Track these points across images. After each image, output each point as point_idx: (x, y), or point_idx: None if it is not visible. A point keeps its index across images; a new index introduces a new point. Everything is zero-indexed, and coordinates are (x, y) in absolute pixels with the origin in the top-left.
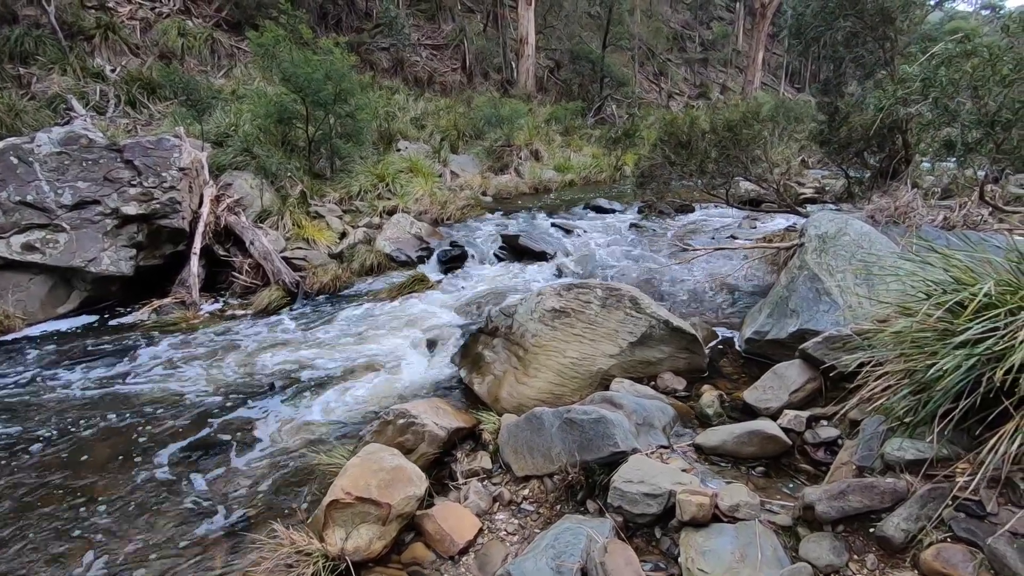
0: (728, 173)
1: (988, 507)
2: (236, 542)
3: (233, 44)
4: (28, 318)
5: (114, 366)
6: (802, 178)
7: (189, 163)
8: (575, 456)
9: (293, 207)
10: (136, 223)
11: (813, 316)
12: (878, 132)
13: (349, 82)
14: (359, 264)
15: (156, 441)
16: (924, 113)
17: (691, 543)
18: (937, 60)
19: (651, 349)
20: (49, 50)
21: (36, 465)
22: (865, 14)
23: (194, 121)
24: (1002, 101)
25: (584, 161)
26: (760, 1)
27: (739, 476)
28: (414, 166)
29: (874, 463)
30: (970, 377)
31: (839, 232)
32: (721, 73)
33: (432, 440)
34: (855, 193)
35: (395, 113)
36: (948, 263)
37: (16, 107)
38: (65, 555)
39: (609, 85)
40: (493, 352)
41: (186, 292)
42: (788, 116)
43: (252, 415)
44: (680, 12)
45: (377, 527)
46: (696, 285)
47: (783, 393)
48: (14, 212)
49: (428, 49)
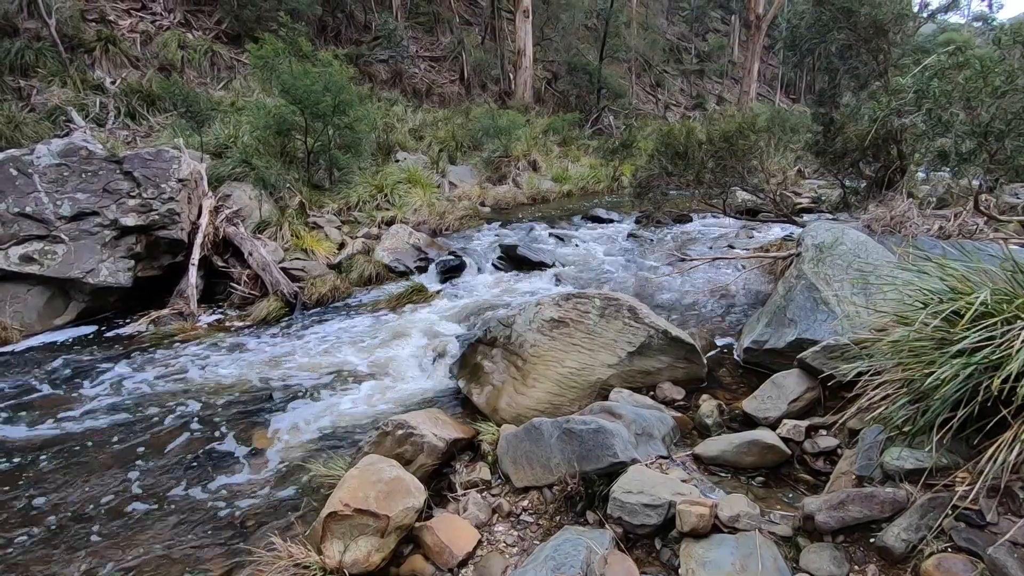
0: (725, 183)
1: (988, 516)
2: (233, 554)
3: (233, 56)
4: (25, 329)
5: (110, 377)
6: (798, 188)
7: (188, 174)
8: (574, 467)
9: (292, 218)
10: (135, 234)
11: (811, 325)
12: (873, 142)
13: (348, 94)
14: (357, 274)
15: (152, 451)
16: (918, 124)
17: (691, 554)
18: (930, 72)
19: (650, 359)
20: (49, 62)
21: (28, 474)
22: (859, 26)
23: (193, 133)
24: (994, 112)
25: (582, 172)
26: (755, 14)
27: (739, 486)
28: (412, 177)
29: (873, 472)
30: (968, 386)
31: (836, 242)
32: (717, 84)
33: (431, 451)
34: (851, 203)
35: (394, 124)
36: (944, 272)
37: (16, 119)
38: (58, 565)
39: (606, 96)
40: (492, 362)
41: (184, 303)
42: (784, 127)
43: (250, 426)
44: (676, 24)
45: (376, 539)
46: (694, 295)
47: (782, 403)
48: (13, 223)
49: (426, 61)
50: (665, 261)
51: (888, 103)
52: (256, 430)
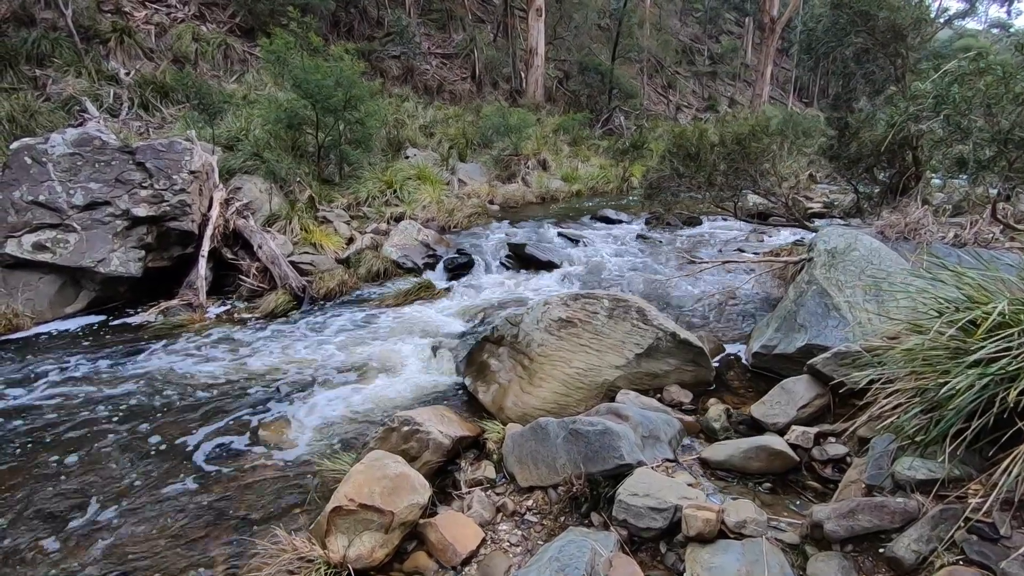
0: (736, 186)
1: (1001, 530)
2: (237, 547)
3: (246, 50)
4: (37, 317)
5: (118, 367)
6: (810, 193)
7: (200, 166)
8: (580, 468)
9: (301, 212)
10: (146, 225)
11: (821, 331)
12: (888, 148)
13: (359, 89)
14: (366, 270)
15: (158, 442)
16: (936, 130)
17: (697, 559)
18: (950, 77)
19: (658, 361)
20: (65, 53)
21: (35, 463)
22: (876, 31)
23: (205, 125)
24: (1015, 119)
25: (591, 172)
26: (769, 16)
27: (745, 492)
28: (422, 173)
29: (884, 482)
30: (983, 397)
31: (849, 247)
32: (729, 86)
33: (436, 448)
34: (864, 209)
35: (404, 120)
36: (961, 281)
37: (31, 108)
38: (63, 553)
39: (617, 96)
40: (498, 361)
41: (193, 294)
42: (797, 130)
43: (256, 418)
44: (689, 26)
45: (380, 535)
46: (703, 298)
47: (791, 409)
48: (26, 212)
49: (438, 58)
50: (674, 263)
51: (906, 108)
52: (262, 422)
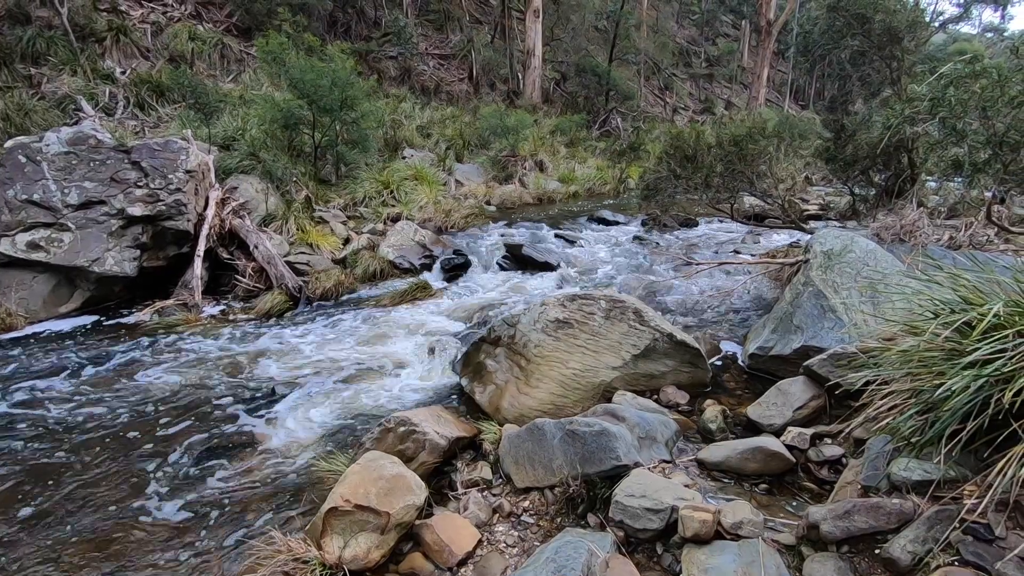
0: (733, 188)
1: (996, 531)
2: (232, 548)
3: (242, 49)
4: (30, 316)
5: (113, 367)
6: (806, 195)
7: (196, 166)
8: (576, 468)
9: (298, 212)
10: (141, 224)
11: (818, 333)
12: (884, 150)
13: (355, 89)
14: (362, 270)
15: (152, 443)
16: (931, 132)
17: (693, 560)
18: (946, 80)
19: (654, 362)
20: (60, 51)
21: (28, 465)
22: (872, 34)
23: (202, 124)
24: (1010, 122)
25: (588, 173)
26: (766, 19)
27: (742, 493)
28: (419, 174)
29: (880, 483)
30: (978, 398)
31: (845, 249)
32: (726, 89)
33: (433, 449)
34: (860, 211)
35: (401, 121)
36: (956, 283)
37: (26, 107)
38: (58, 553)
39: (615, 98)
40: (495, 361)
41: (189, 294)
42: (793, 132)
43: (251, 419)
44: (686, 28)
45: (376, 536)
46: (700, 299)
47: (787, 410)
48: (20, 210)
49: (435, 59)
50: (671, 265)
51: (902, 111)
52: (257, 423)
